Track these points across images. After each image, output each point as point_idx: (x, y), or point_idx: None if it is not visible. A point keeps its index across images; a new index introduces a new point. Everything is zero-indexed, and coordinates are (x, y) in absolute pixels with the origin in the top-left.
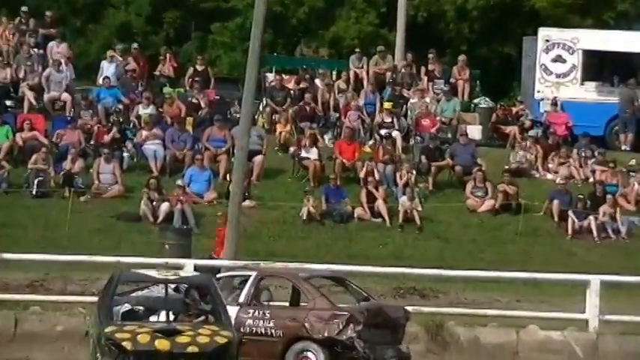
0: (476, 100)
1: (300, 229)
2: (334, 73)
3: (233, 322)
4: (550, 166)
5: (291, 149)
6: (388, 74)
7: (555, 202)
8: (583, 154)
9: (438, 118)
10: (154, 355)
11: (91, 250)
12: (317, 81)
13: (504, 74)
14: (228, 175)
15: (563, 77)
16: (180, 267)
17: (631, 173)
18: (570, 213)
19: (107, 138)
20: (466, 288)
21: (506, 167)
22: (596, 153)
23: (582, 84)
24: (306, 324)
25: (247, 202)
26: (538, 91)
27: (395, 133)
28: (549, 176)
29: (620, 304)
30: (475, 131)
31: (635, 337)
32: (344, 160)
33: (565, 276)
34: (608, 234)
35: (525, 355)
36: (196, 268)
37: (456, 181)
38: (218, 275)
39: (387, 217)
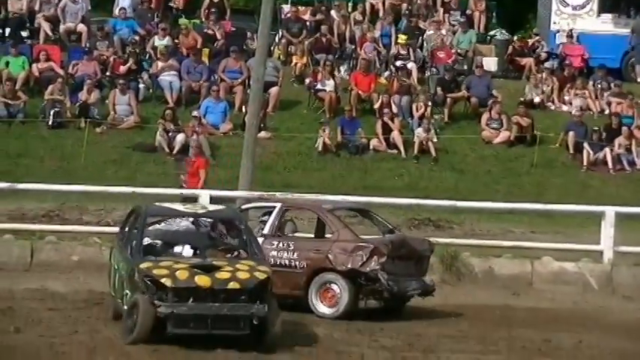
0: (492, 32)
1: (315, 161)
2: (350, 4)
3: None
4: (566, 98)
5: (307, 81)
6: (404, 5)
7: (571, 133)
8: (599, 86)
9: (453, 49)
10: (194, 291)
11: (106, 180)
12: (333, 12)
13: (520, 6)
14: (243, 107)
15: (580, 9)
16: (195, 198)
17: None
18: (585, 145)
19: (123, 69)
20: (481, 219)
21: (522, 99)
22: (612, 85)
23: (598, 16)
24: (330, 256)
25: (263, 134)
26: (554, 23)
27: (410, 65)
28: (565, 108)
29: (635, 235)
30: (491, 63)
31: None
32: (359, 92)
33: (580, 207)
34: (623, 166)
35: (539, 286)
36: (212, 199)
37: (471, 113)
38: (242, 207)
39: (402, 149)
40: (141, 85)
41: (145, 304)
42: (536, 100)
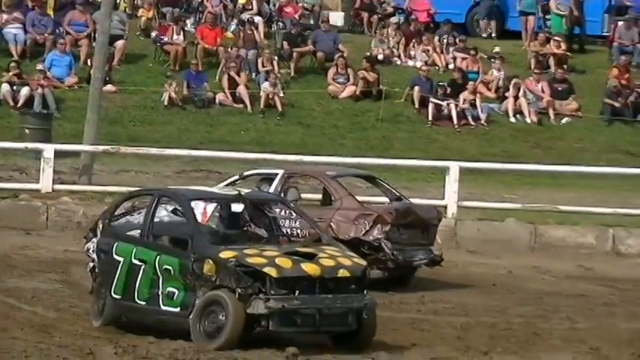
0: None
1: (161, 114)
2: None
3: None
4: (411, 53)
5: (153, 34)
6: None
7: (416, 88)
8: (444, 41)
9: (300, 4)
10: (302, 281)
11: None
12: None
13: None
14: (89, 60)
15: None
16: (40, 151)
17: (491, 60)
18: (431, 99)
19: None
20: None
21: (368, 54)
22: (457, 40)
23: None
24: (332, 224)
25: (108, 87)
26: None
27: (257, 19)
28: (410, 63)
29: (479, 189)
30: (337, 18)
31: (492, 223)
32: (206, 46)
33: (425, 162)
34: (467, 120)
35: None
36: (57, 152)
37: (317, 68)
38: (244, 173)
39: (248, 103)
40: None
41: (233, 301)
42: (381, 55)
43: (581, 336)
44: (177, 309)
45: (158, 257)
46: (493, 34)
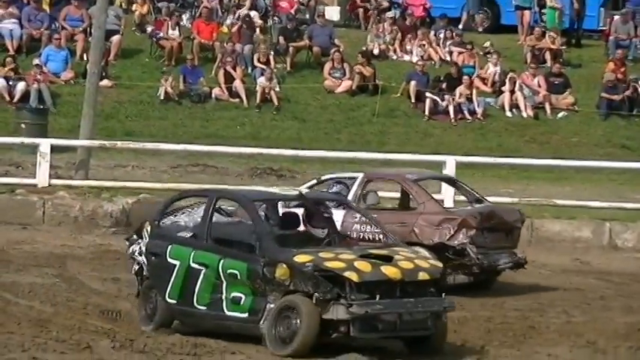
0: None
1: (157, 109)
2: None
3: (339, 226)
4: (407, 47)
5: (149, 29)
6: None
7: (412, 83)
8: (440, 36)
9: None
10: (382, 285)
11: None
12: None
13: None
14: (85, 55)
15: None
16: (36, 146)
17: (487, 55)
18: (427, 94)
19: None
20: (323, 168)
21: (364, 48)
22: (453, 34)
23: None
24: (416, 229)
25: (104, 82)
26: None
27: (253, 14)
28: (406, 58)
29: (476, 184)
30: (333, 12)
31: None
32: (202, 40)
33: (421, 156)
34: (464, 115)
35: None
36: (53, 147)
37: (313, 62)
38: (322, 178)
39: (244, 98)
40: None
41: (308, 306)
42: (376, 50)
43: (577, 330)
44: (246, 314)
45: (222, 261)
46: (480, 29)
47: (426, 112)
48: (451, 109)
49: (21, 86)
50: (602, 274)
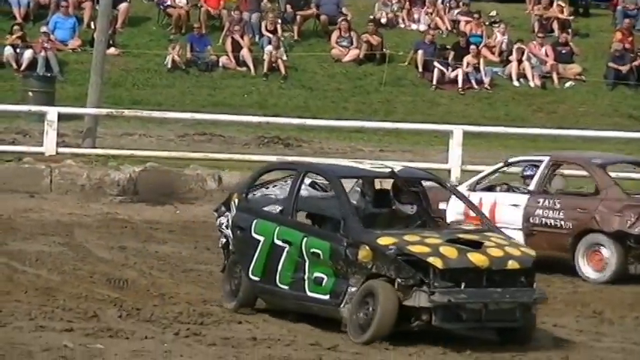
0: None
1: (164, 77)
2: None
3: (522, 212)
4: (415, 16)
5: None
6: None
7: (420, 52)
8: (448, 5)
9: None
10: (468, 272)
11: None
12: None
13: None
14: (92, 23)
15: None
16: (43, 114)
17: (494, 24)
18: (435, 63)
19: None
20: (330, 137)
21: (372, 17)
22: (460, 3)
23: None
24: (597, 216)
25: (112, 50)
26: None
27: None
28: (414, 27)
29: (482, 153)
30: None
31: None
32: (209, 9)
33: (428, 126)
34: (471, 84)
35: None
36: (60, 115)
37: (321, 31)
38: (510, 160)
39: (251, 66)
40: None
41: (386, 291)
42: (383, 19)
43: (584, 299)
44: (327, 296)
45: (305, 239)
46: None
47: (434, 82)
48: (460, 78)
49: (28, 54)
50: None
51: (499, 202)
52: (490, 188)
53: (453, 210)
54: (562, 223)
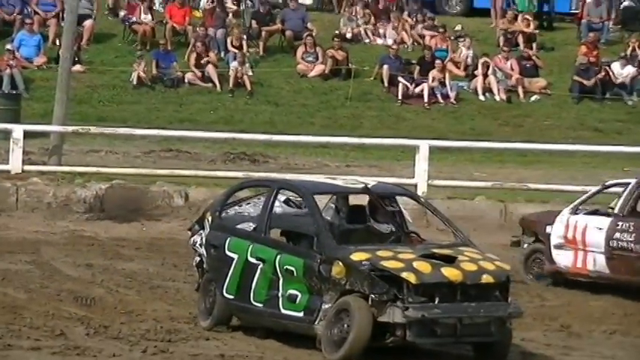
0: None
1: (130, 94)
2: None
3: (604, 235)
4: (380, 31)
5: (121, 13)
6: None
7: (385, 67)
8: (414, 19)
9: None
10: (442, 287)
11: None
12: None
13: None
14: (57, 40)
15: None
16: (9, 131)
17: (459, 39)
18: (400, 78)
19: None
20: (296, 153)
21: (337, 32)
22: (425, 17)
23: None
24: None
25: (77, 67)
26: None
27: None
28: (379, 41)
29: (448, 168)
30: None
31: (462, 201)
32: (174, 25)
33: (394, 141)
34: (437, 99)
35: None
36: (26, 133)
37: (286, 46)
38: (607, 183)
39: (217, 82)
40: None
41: (361, 307)
42: (349, 34)
43: (551, 313)
44: (301, 314)
45: (279, 256)
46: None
47: (399, 96)
48: (425, 92)
49: None
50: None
51: (588, 225)
52: (594, 212)
53: (555, 233)
54: (633, 246)
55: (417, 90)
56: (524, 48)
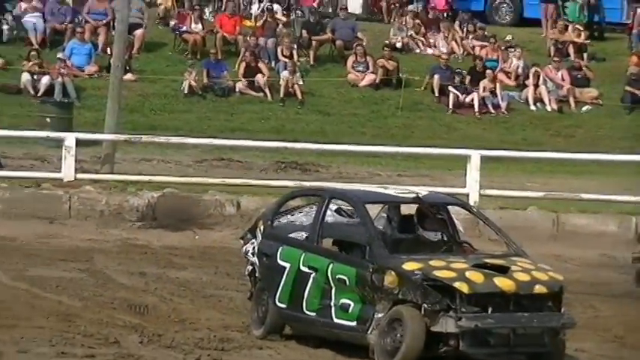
0: None
1: (181, 103)
2: None
3: None
4: (430, 41)
5: (172, 23)
6: None
7: (436, 77)
8: (464, 29)
9: None
10: (495, 297)
11: None
12: None
13: None
14: (108, 49)
15: None
16: (61, 140)
17: (510, 49)
18: (451, 88)
19: None
20: (348, 162)
21: (387, 42)
22: (476, 27)
23: None
24: None
25: (128, 76)
26: None
27: (276, 7)
28: (430, 51)
29: (500, 177)
30: (356, 5)
31: (514, 211)
32: (225, 34)
33: (446, 150)
34: (488, 109)
35: None
36: (78, 141)
37: (337, 56)
38: None
39: (268, 92)
40: (4, 27)
41: (414, 317)
42: (399, 44)
43: (605, 324)
44: (354, 323)
45: (331, 265)
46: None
47: (450, 106)
48: (476, 102)
49: (45, 80)
50: (628, 268)
51: None
52: None
53: None
54: None
55: (468, 100)
56: (574, 58)
